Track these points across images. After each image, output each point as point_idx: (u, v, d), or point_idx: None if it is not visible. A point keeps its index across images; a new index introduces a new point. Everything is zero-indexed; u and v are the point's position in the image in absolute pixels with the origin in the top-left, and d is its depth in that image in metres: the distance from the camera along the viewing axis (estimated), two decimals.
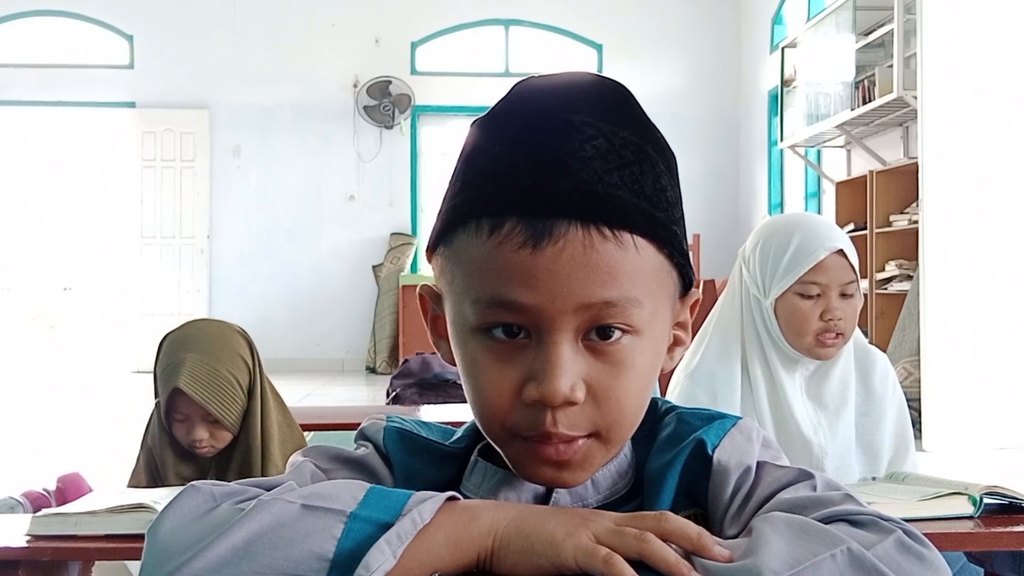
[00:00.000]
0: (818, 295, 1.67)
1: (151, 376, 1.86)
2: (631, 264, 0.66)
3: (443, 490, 0.66)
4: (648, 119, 0.70)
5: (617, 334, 0.67)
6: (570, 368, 0.65)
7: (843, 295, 1.68)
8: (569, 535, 0.61)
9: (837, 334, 1.68)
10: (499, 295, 0.66)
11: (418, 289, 0.78)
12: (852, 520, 0.63)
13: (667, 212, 0.69)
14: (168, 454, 1.80)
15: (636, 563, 0.60)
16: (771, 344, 1.73)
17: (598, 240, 0.65)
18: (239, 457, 1.80)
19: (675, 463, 0.72)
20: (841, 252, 1.67)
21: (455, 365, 0.73)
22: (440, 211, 0.71)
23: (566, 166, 0.65)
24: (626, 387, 0.68)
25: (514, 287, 0.65)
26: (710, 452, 0.71)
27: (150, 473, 1.82)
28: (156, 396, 1.81)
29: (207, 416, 1.75)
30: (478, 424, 0.71)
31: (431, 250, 0.73)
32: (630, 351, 0.68)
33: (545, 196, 0.65)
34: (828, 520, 0.63)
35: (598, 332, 0.67)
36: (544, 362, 0.65)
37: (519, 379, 0.67)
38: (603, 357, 0.67)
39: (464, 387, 0.71)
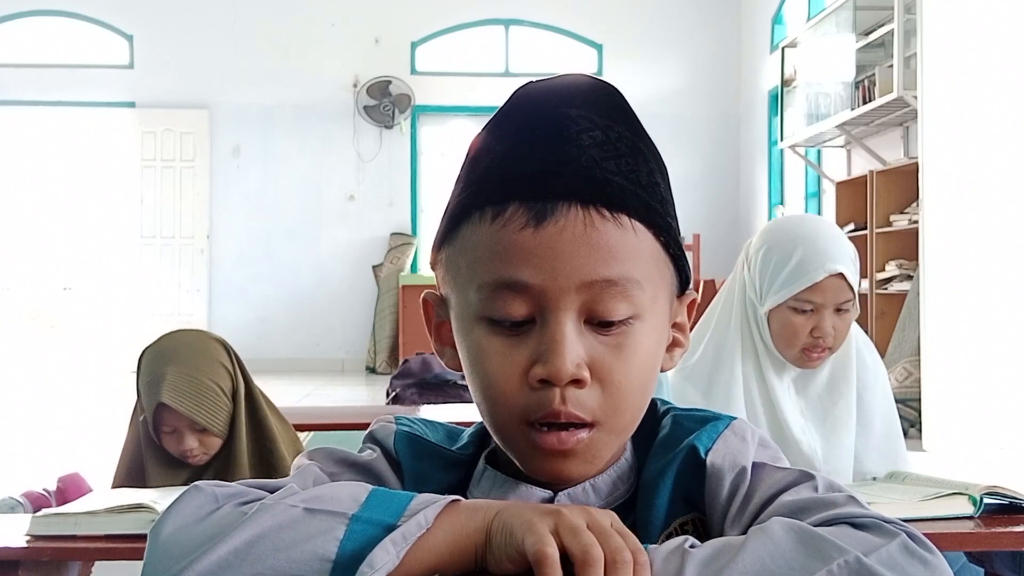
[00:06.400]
0: (812, 311, 1.69)
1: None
2: (630, 245, 0.67)
3: (451, 493, 0.66)
4: (640, 122, 0.72)
5: None
6: (574, 346, 0.66)
7: (838, 311, 1.70)
8: (530, 525, 0.60)
9: (825, 348, 1.71)
10: (503, 276, 0.67)
11: (422, 295, 0.78)
12: (855, 523, 0.63)
13: (662, 205, 0.70)
14: (154, 466, 1.81)
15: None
16: (763, 348, 1.76)
17: (598, 220, 0.66)
18: (235, 463, 1.80)
19: (669, 470, 0.72)
20: (841, 275, 1.67)
21: (459, 371, 0.73)
22: (444, 215, 0.72)
23: (564, 153, 0.67)
24: (628, 370, 0.68)
25: (517, 266, 0.66)
26: (703, 456, 0.71)
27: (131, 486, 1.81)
28: (141, 410, 1.82)
29: (194, 426, 1.77)
30: (485, 416, 0.71)
31: (435, 253, 0.74)
32: (632, 333, 0.68)
33: (545, 180, 0.67)
34: (831, 523, 0.63)
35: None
36: (549, 342, 0.66)
37: (525, 362, 0.67)
38: (606, 339, 0.68)
39: (469, 380, 0.71)
